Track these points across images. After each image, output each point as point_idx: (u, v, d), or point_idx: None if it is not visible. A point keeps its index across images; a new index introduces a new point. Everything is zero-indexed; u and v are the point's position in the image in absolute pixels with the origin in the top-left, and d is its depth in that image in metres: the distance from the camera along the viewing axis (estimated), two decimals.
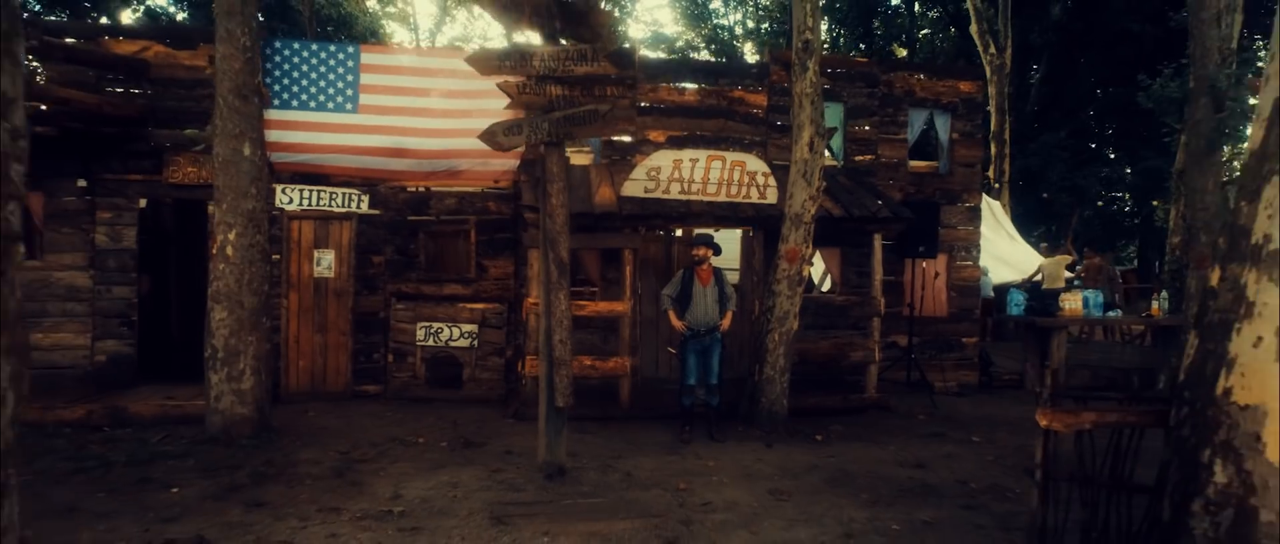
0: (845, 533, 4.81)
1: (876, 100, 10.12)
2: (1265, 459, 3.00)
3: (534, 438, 7.02)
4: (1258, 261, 3.04)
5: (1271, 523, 2.99)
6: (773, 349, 7.61)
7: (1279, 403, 2.99)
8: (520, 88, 5.53)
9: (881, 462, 6.64)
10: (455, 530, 4.79)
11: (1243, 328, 3.08)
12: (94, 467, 6.13)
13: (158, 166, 8.58)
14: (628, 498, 5.48)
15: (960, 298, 10.48)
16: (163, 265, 10.15)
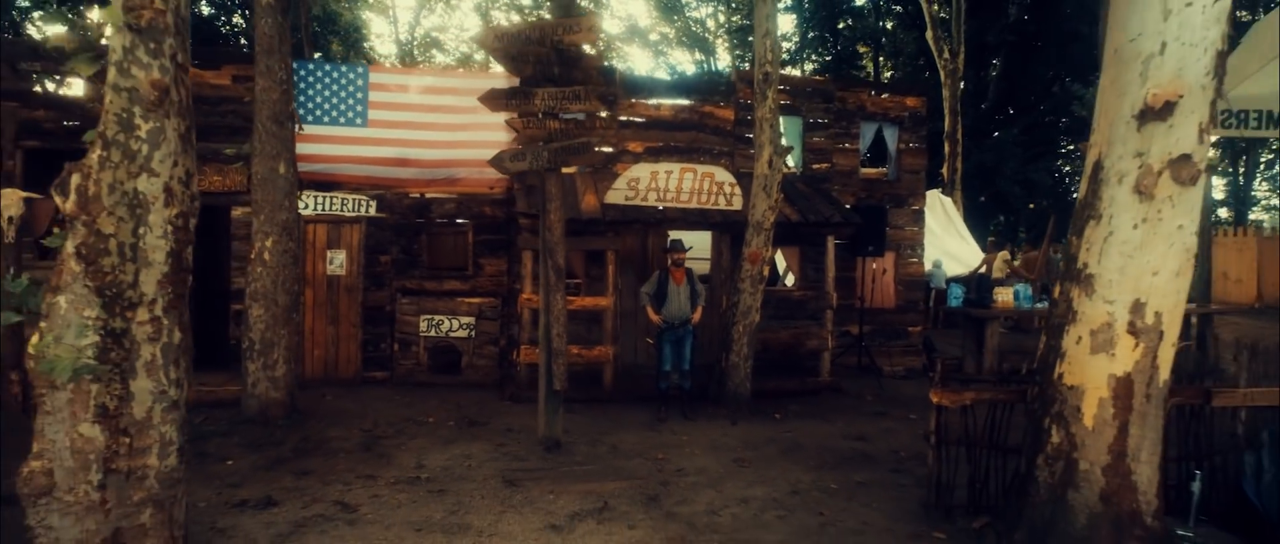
0: (792, 491, 5.95)
1: (832, 114, 11.26)
2: (1083, 424, 4.16)
3: (530, 417, 8.12)
4: (1079, 282, 4.19)
5: (1087, 470, 4.15)
6: (738, 339, 8.74)
7: (1092, 385, 4.14)
8: (525, 123, 6.57)
9: (829, 435, 7.80)
10: (475, 491, 5.86)
11: (1070, 330, 4.24)
12: None
13: None
14: (615, 465, 6.58)
15: (906, 291, 11.68)
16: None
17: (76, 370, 3.23)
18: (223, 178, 9.51)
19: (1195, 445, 4.96)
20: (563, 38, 6.39)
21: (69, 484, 3.31)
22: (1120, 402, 4.06)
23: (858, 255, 10.71)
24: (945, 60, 19.49)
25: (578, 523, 5.15)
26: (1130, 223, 3.96)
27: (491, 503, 5.57)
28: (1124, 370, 4.05)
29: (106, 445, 3.34)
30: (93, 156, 3.31)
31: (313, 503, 5.54)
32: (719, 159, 10.68)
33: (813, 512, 5.40)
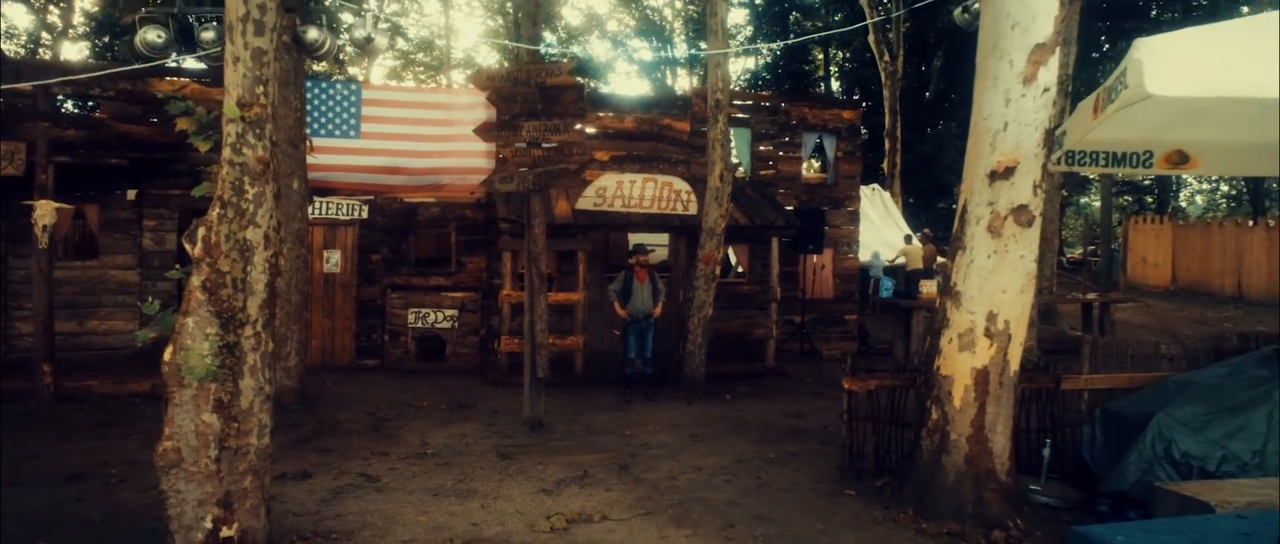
0: (737, 460, 7.24)
1: (777, 126, 12.55)
2: (953, 405, 5.48)
3: (511, 400, 9.31)
4: (951, 296, 5.50)
5: (955, 439, 5.48)
6: (693, 330, 10.01)
7: (960, 375, 5.46)
8: (514, 152, 7.72)
9: (771, 413, 9.12)
10: (475, 463, 7.05)
11: (945, 332, 5.55)
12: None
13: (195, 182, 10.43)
14: (590, 441, 7.82)
15: (843, 283, 13.06)
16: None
17: (204, 375, 4.35)
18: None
19: (1049, 420, 6.34)
20: (545, 79, 7.54)
21: (193, 458, 4.44)
22: (980, 387, 5.39)
23: (800, 252, 12.04)
24: (886, 63, 20.89)
25: (564, 488, 6.37)
26: (985, 253, 5.27)
27: (491, 473, 6.77)
28: (982, 364, 5.38)
29: (221, 429, 4.46)
30: (213, 213, 4.40)
31: (341, 475, 6.68)
32: (676, 167, 11.89)
33: (753, 476, 6.69)
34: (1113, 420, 5.92)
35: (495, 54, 37.08)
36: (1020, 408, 6.18)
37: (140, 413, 8.77)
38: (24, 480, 6.56)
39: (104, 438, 7.94)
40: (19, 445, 7.59)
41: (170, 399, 4.46)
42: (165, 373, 4.43)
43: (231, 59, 4.41)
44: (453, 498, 6.12)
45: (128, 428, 8.27)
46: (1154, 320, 19.46)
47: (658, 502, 6.03)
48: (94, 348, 10.22)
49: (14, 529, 5.40)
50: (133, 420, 8.49)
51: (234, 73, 4.41)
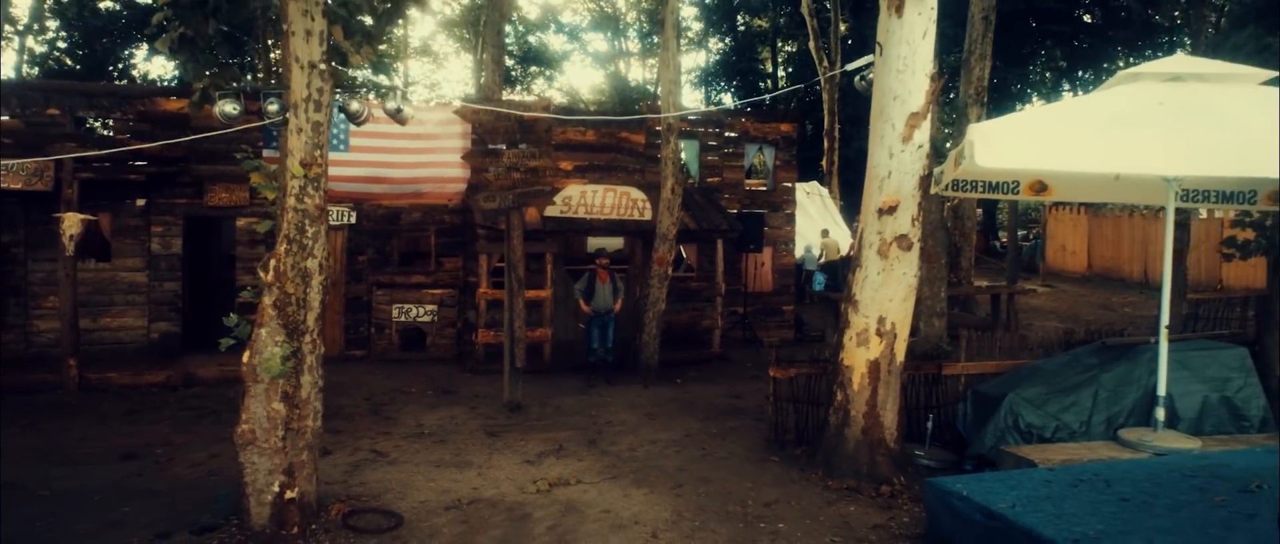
0: (686, 434, 8.71)
1: (723, 139, 14.01)
2: (853, 388, 7.00)
3: (489, 386, 10.67)
4: (851, 303, 7.01)
5: (855, 416, 7.00)
6: (648, 323, 11.45)
7: (857, 365, 6.98)
8: (495, 176, 9.05)
9: (715, 395, 10.62)
10: (467, 440, 8.42)
11: (847, 331, 7.06)
12: (209, 414, 9.40)
13: (198, 192, 11.58)
14: (561, 420, 9.23)
15: (781, 278, 14.62)
16: (196, 265, 13.05)
17: (276, 373, 5.65)
18: (230, 195, 11.62)
19: (934, 399, 7.92)
20: (523, 115, 8.87)
21: (265, 438, 5.74)
22: (873, 375, 6.92)
23: (742, 251, 13.55)
24: (825, 67, 22.49)
25: (543, 459, 7.78)
26: (876, 271, 6.79)
27: (481, 448, 8.15)
28: (875, 356, 6.90)
29: (287, 415, 5.77)
30: (281, 248, 5.68)
31: (355, 451, 8.00)
32: (633, 174, 13.28)
33: (698, 447, 8.17)
34: (979, 399, 7.52)
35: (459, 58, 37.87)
36: (912, 389, 7.75)
37: (162, 401, 9.96)
38: (82, 460, 7.77)
39: (136, 423, 9.12)
40: (64, 431, 8.75)
41: (247, 391, 5.76)
42: (243, 371, 5.73)
43: (295, 130, 5.69)
44: (453, 468, 7.48)
45: (155, 414, 9.45)
46: (1063, 305, 21.47)
47: (621, 469, 7.48)
48: (107, 342, 11.30)
49: (99, 499, 6.64)
50: (157, 408, 9.68)
51: (297, 140, 5.70)
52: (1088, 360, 7.51)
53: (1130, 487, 5.40)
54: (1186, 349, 7.45)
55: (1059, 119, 5.79)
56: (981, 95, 16.04)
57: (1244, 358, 7.47)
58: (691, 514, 6.26)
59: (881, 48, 6.60)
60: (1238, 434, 7.05)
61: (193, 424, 8.99)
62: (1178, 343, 7.48)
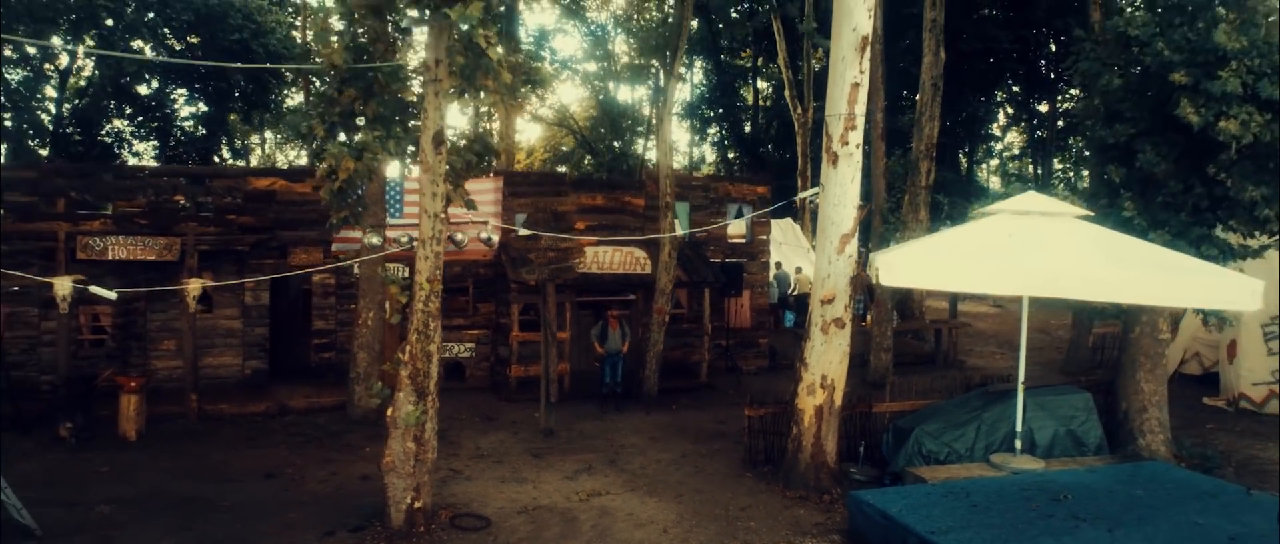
0: (682, 455, 11.45)
1: (709, 199, 16.79)
2: (804, 425, 9.77)
3: (522, 413, 13.35)
4: (804, 363, 9.78)
5: (806, 445, 9.76)
6: (649, 360, 14.20)
7: (807, 409, 9.75)
8: (536, 255, 11.76)
9: (705, 420, 13.37)
10: (517, 460, 11.12)
11: (800, 384, 9.84)
12: (312, 439, 12.05)
13: (283, 255, 14.21)
14: (587, 444, 11.96)
15: (757, 315, 17.42)
16: (280, 314, 15.63)
17: (410, 423, 8.34)
18: (308, 256, 14.26)
19: (867, 430, 10.72)
20: (556, 207, 11.58)
21: (402, 466, 8.44)
22: (818, 416, 9.70)
23: (725, 297, 16.33)
24: (799, 114, 25.30)
25: (578, 475, 10.51)
26: (820, 343, 9.56)
27: (530, 466, 10.87)
28: (819, 403, 9.68)
29: (416, 450, 8.47)
30: (412, 338, 8.36)
31: (438, 470, 10.68)
32: (634, 231, 16.01)
33: (692, 465, 10.93)
34: (897, 431, 10.33)
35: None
36: (850, 422, 10.55)
37: (268, 428, 12.61)
38: (233, 479, 10.41)
39: (257, 447, 11.76)
40: (204, 454, 11.38)
41: (390, 434, 8.46)
42: (388, 420, 8.43)
43: (422, 257, 8.39)
44: (513, 483, 10.21)
45: (269, 439, 12.10)
46: (1007, 329, 24.35)
47: (636, 482, 10.23)
48: (211, 378, 13.91)
49: (266, 509, 9.29)
50: (268, 434, 12.33)
51: (424, 264, 8.39)
52: (975, 402, 10.35)
53: (981, 497, 8.20)
54: (1045, 394, 10.32)
55: (939, 249, 8.59)
56: (931, 151, 18.98)
57: (1088, 401, 10.34)
58: (690, 515, 9.03)
59: (824, 187, 9.38)
60: (1077, 457, 9.91)
61: (303, 448, 11.65)
62: (1039, 388, 10.34)
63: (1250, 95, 8.83)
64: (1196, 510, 7.84)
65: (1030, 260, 8.35)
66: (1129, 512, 7.80)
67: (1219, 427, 13.04)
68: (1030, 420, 9.84)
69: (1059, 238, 8.63)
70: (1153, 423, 10.72)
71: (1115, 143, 10.06)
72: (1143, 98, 9.90)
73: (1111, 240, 8.66)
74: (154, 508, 9.22)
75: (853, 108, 9.11)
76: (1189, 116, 8.83)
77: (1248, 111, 8.72)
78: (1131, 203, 10.07)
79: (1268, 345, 14.22)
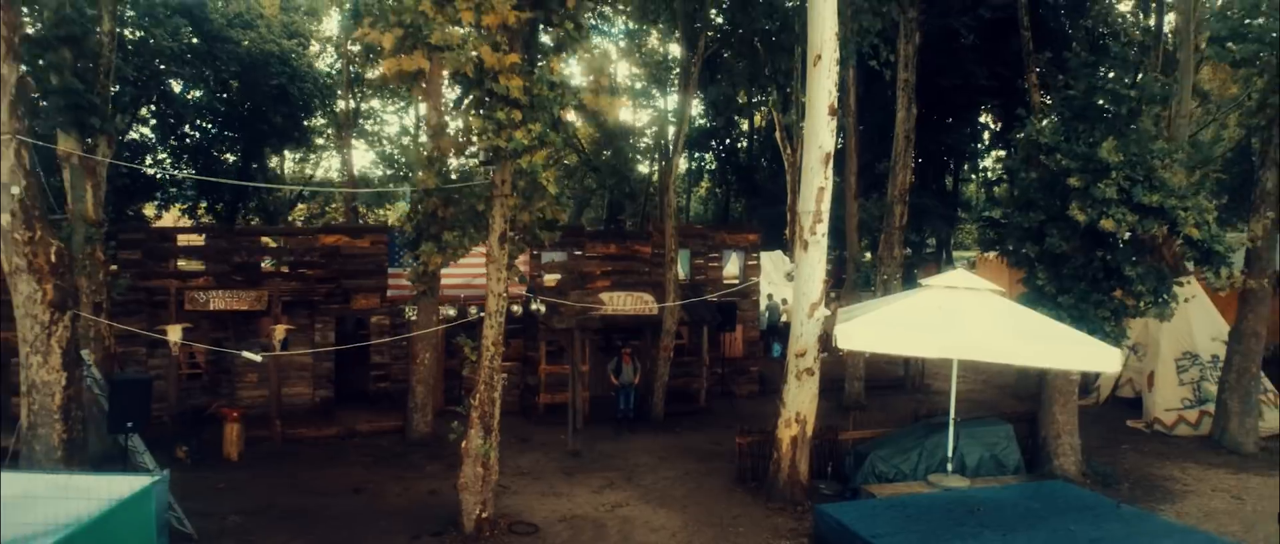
0: (686, 472, 14.05)
1: (707, 246, 19.40)
2: (782, 451, 12.35)
3: (551, 435, 15.91)
4: (782, 402, 12.39)
5: (785, 466, 12.37)
6: (657, 390, 16.80)
7: (785, 438, 12.36)
8: (563, 306, 14.37)
9: (702, 441, 15.96)
10: (552, 477, 13.70)
11: (780, 417, 12.45)
12: (382, 459, 14.62)
13: (346, 300, 16.79)
14: (607, 463, 14.54)
15: (749, 347, 20.03)
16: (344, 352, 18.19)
17: (480, 453, 10.91)
18: (366, 301, 16.85)
19: (833, 453, 13.32)
20: (582, 267, 14.18)
21: (473, 486, 11.02)
22: (793, 445, 12.30)
23: (720, 332, 18.93)
24: (788, 153, 27.89)
25: (603, 490, 13.10)
26: (795, 387, 12.17)
27: (563, 482, 13.46)
28: (794, 434, 12.29)
29: (483, 474, 11.06)
30: (481, 386, 10.94)
31: None
32: (643, 276, 18.61)
33: (694, 482, 13.52)
34: (857, 454, 12.93)
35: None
36: (821, 447, 13.12)
37: (342, 449, 15.18)
38: (326, 493, 12.98)
39: (337, 466, 14.32)
40: (295, 472, 13.94)
41: (463, 461, 11.05)
42: (462, 450, 11.02)
43: (490, 325, 10.97)
44: (552, 496, 12.80)
45: (345, 459, 14.66)
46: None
47: (650, 496, 12.83)
48: (287, 406, 16.47)
49: (361, 517, 11.88)
50: (343, 454, 14.90)
51: (490, 331, 10.98)
52: (920, 431, 12.97)
53: (915, 509, 10.79)
54: (975, 425, 12.95)
55: (884, 320, 11.19)
56: (904, 196, 21.53)
57: (1009, 431, 12.98)
58: (692, 523, 11.64)
59: (797, 266, 11.99)
60: (998, 477, 12.52)
61: (375, 467, 14.22)
62: (970, 420, 12.97)
63: (1126, 199, 11.44)
64: (1073, 520, 10.43)
65: (954, 330, 10.94)
66: (1023, 521, 10.38)
67: (1132, 447, 15.66)
68: (961, 447, 12.46)
69: (977, 310, 11.21)
70: (1065, 447, 13.34)
71: (1029, 227, 12.68)
72: (1051, 192, 12.51)
73: (1016, 313, 11.27)
74: (272, 517, 11.80)
75: (819, 206, 11.73)
76: (1077, 215, 11.46)
77: (1123, 212, 11.34)
78: (1043, 274, 12.71)
79: (1179, 377, 16.90)
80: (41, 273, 9.09)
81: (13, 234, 8.92)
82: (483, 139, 9.29)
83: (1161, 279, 11.91)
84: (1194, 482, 13.48)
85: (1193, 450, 15.27)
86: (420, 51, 9.22)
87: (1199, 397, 16.49)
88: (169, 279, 14.99)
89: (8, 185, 8.80)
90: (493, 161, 9.88)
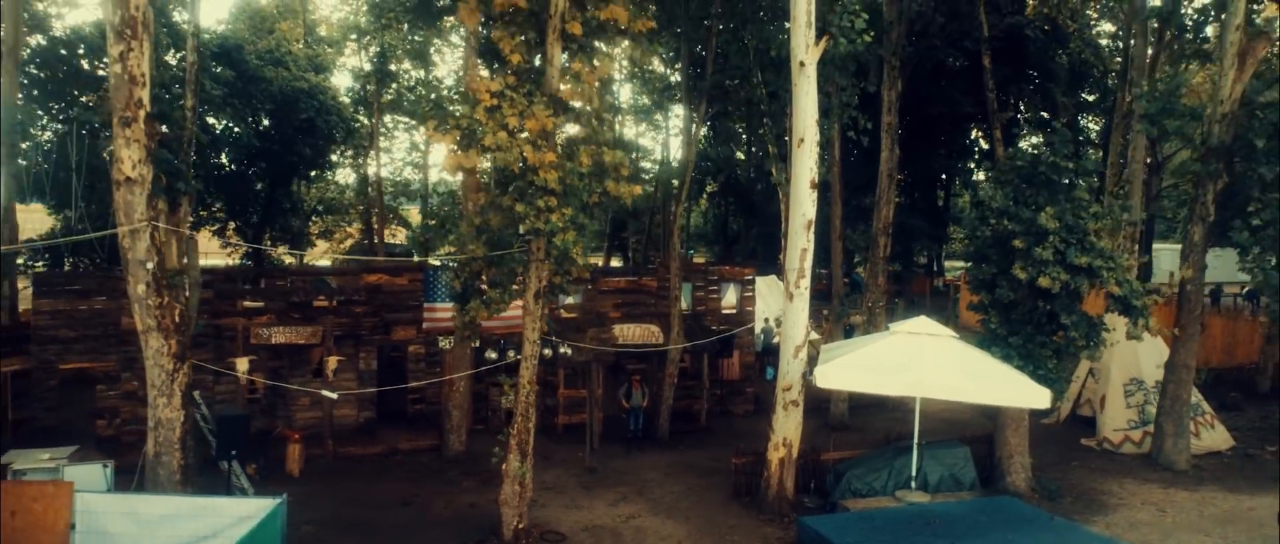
0: (689, 487, 16.17)
1: (707, 280, 21.53)
2: (772, 470, 14.49)
3: (569, 453, 18.03)
4: (771, 426, 14.53)
5: (772, 483, 14.48)
6: (662, 412, 18.94)
7: (774, 458, 14.48)
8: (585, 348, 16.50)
9: (702, 458, 18.08)
10: (573, 492, 15.82)
11: (770, 440, 14.57)
12: (424, 476, 16.74)
13: (387, 332, 18.91)
14: (619, 478, 16.66)
15: (744, 370, 22.16)
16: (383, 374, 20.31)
17: (517, 475, 13.03)
18: (405, 332, 18.98)
19: (816, 471, 15.45)
20: (597, 307, 16.31)
21: (512, 501, 13.13)
22: (780, 465, 14.43)
23: (719, 358, 21.07)
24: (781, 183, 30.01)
25: (618, 503, 15.22)
26: (783, 416, 14.29)
27: (583, 496, 15.58)
28: (781, 456, 14.42)
29: (520, 491, 13.18)
30: (519, 417, 13.05)
31: None
32: (651, 308, 20.72)
33: (697, 496, 15.64)
34: (836, 472, 15.06)
35: None
36: (805, 466, 15.23)
37: (387, 466, 17.30)
38: (377, 506, 15.11)
39: (383, 481, 16.44)
40: (349, 487, 16.05)
41: (504, 480, 13.18)
42: (503, 470, 13.15)
43: (525, 367, 13.11)
44: (574, 509, 14.92)
45: (391, 475, 16.77)
46: None
47: (658, 507, 14.95)
48: (336, 426, 18.58)
49: (411, 527, 13.99)
50: (389, 471, 17.02)
51: (527, 371, 13.11)
52: (890, 453, 15.10)
53: (881, 521, 12.93)
54: (937, 447, 15.08)
55: (857, 363, 13.30)
56: (887, 229, 23.64)
57: (966, 453, 15.12)
58: (695, 532, 13.77)
59: (784, 315, 14.11)
60: (956, 493, 14.65)
61: (419, 482, 16.34)
62: (933, 443, 15.11)
63: (1061, 259, 13.57)
64: (1013, 530, 12.55)
65: (914, 370, 13.03)
66: (971, 531, 12.51)
67: (1082, 464, 17.79)
68: (924, 466, 14.59)
69: (935, 354, 13.32)
70: (1017, 466, 15.47)
71: (983, 278, 14.82)
72: (1001, 249, 14.64)
73: (966, 355, 13.39)
74: (339, 527, 13.92)
75: (803, 264, 13.88)
76: (1018, 273, 13.60)
77: (1058, 271, 13.47)
78: (996, 318, 14.84)
79: (1126, 401, 19.05)
80: (168, 331, 11.21)
81: (146, 301, 11.04)
82: (525, 222, 11.41)
83: (1092, 326, 14.04)
84: (1128, 496, 15.62)
85: (1133, 467, 17.40)
86: (475, 150, 11.34)
87: (1143, 418, 18.62)
88: (237, 317, 17.11)
89: (143, 262, 10.93)
90: (532, 236, 11.98)
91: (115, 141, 10.57)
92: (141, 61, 10.49)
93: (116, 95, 10.45)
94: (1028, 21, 33.93)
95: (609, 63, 12.37)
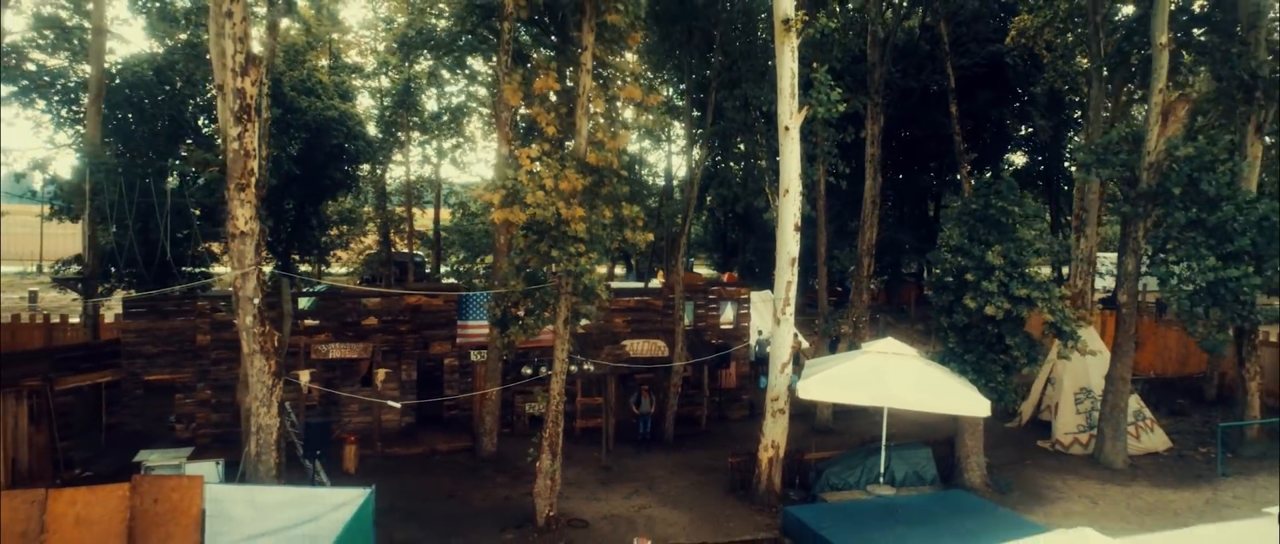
0: (691, 483, 18.75)
1: (707, 298, 24.11)
2: (762, 467, 17.07)
3: (587, 453, 20.62)
4: (762, 432, 17.11)
5: (763, 479, 17.06)
6: (668, 416, 21.52)
7: (765, 458, 17.06)
8: (597, 357, 19.09)
9: (702, 457, 20.65)
10: (592, 487, 18.40)
11: (761, 444, 17.16)
12: (462, 473, 19.33)
13: (425, 347, 21.50)
14: (631, 475, 19.24)
15: (739, 380, 24.74)
16: (422, 383, 22.91)
17: (549, 473, 15.59)
18: (441, 347, 21.56)
19: (801, 469, 18.02)
20: (610, 325, 18.90)
21: (544, 494, 15.72)
22: (769, 464, 17.01)
23: (718, 369, 23.65)
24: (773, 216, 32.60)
25: (631, 496, 17.80)
26: (771, 422, 16.88)
27: (600, 490, 18.17)
28: (770, 456, 16.99)
29: (551, 485, 15.75)
30: (550, 422, 15.61)
31: None
32: (657, 324, 23.30)
33: (698, 490, 18.23)
34: (817, 470, 17.64)
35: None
36: (791, 465, 17.82)
37: (430, 464, 19.88)
38: (426, 498, 17.68)
39: (428, 477, 19.00)
40: (400, 482, 18.62)
41: (537, 475, 15.77)
42: (536, 467, 15.75)
43: (555, 380, 15.71)
44: (593, 501, 17.50)
45: (435, 473, 19.32)
46: None
47: (666, 500, 17.53)
48: (382, 429, 21.15)
49: (457, 517, 16.58)
50: (432, 469, 19.60)
51: (556, 384, 15.71)
52: (863, 453, 17.69)
53: (853, 510, 15.50)
54: (903, 448, 17.68)
55: (836, 377, 15.86)
56: (871, 250, 26.21)
57: (928, 453, 17.72)
58: (697, 520, 16.36)
59: (772, 337, 16.69)
60: (918, 487, 17.24)
61: (459, 478, 18.92)
62: (901, 445, 17.71)
63: (1005, 291, 16.17)
64: (961, 518, 15.11)
65: (880, 384, 15.61)
66: (927, 519, 15.07)
67: (1035, 463, 20.37)
68: (892, 465, 17.17)
69: (900, 370, 15.90)
70: (973, 465, 18.05)
71: (942, 305, 17.41)
72: (958, 280, 17.24)
73: (927, 371, 15.97)
74: (397, 516, 16.49)
75: (788, 294, 16.46)
76: (968, 303, 16.19)
77: (1002, 301, 16.06)
78: (953, 338, 17.44)
79: (1076, 407, 21.64)
80: (269, 354, 13.80)
81: (252, 329, 13.63)
82: (559, 264, 14.00)
83: (1033, 345, 16.64)
84: (1068, 491, 18.21)
85: (1078, 466, 19.99)
86: (517, 207, 13.93)
87: (1090, 423, 21.21)
88: (300, 335, 19.70)
89: (251, 298, 13.51)
90: (563, 276, 14.58)
91: (231, 203, 13.15)
92: (253, 139, 13.07)
93: (233, 166, 13.04)
94: (1008, 50, 36.45)
95: (627, 134, 14.92)
